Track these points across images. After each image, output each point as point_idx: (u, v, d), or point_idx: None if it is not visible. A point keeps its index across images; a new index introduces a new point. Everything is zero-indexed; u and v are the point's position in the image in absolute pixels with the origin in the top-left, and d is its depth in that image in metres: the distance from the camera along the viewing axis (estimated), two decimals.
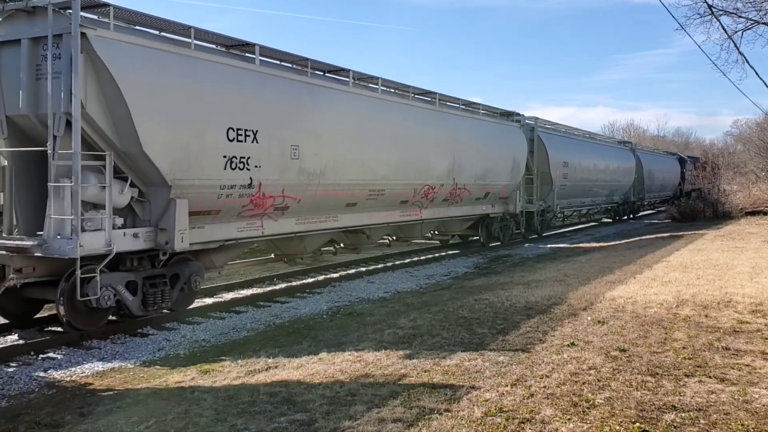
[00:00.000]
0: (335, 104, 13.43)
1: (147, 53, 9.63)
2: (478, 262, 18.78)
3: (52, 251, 8.70)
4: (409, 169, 15.88)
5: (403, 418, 5.48)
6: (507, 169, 21.08)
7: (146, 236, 9.81)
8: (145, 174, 9.79)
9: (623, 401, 5.72)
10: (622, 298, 10.48)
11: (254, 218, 11.81)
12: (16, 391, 7.24)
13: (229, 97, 10.80)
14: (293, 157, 12.09)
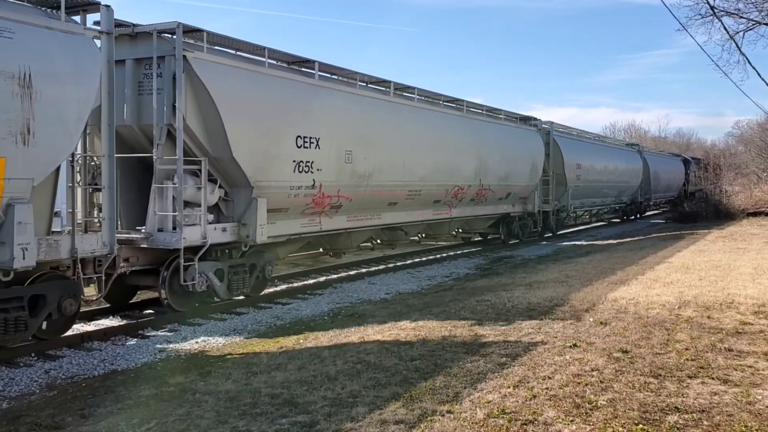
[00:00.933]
0: (380, 113, 14.93)
1: (233, 72, 11.22)
2: (480, 263, 18.76)
3: (158, 243, 10.26)
4: (442, 171, 17.27)
5: (405, 420, 5.46)
6: (526, 170, 22.38)
7: (231, 230, 11.39)
8: (230, 177, 11.37)
9: (626, 403, 5.69)
10: (624, 299, 10.45)
11: (314, 215, 13.33)
12: (16, 393, 7.24)
13: (297, 109, 12.35)
14: (347, 161, 13.63)
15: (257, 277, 12.17)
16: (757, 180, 42.15)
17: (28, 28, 7.91)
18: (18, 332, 8.27)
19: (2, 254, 7.77)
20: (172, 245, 10.22)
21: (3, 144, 7.50)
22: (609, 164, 31.56)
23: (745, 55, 21.06)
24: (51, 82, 8.05)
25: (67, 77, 8.30)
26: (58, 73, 8.18)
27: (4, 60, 7.53)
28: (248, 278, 11.83)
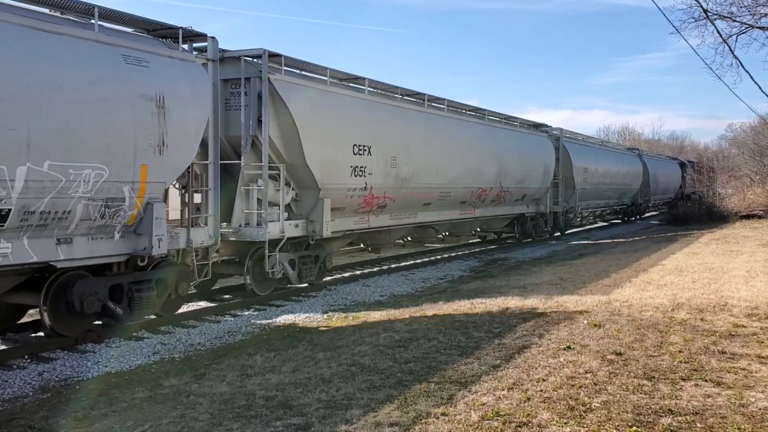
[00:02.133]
0: (417, 122, 16.67)
1: (306, 90, 13.05)
2: (474, 265, 18.78)
3: (246, 236, 12.03)
4: (468, 174, 18.88)
5: (399, 422, 5.47)
6: (540, 173, 23.95)
7: (302, 226, 13.22)
8: (301, 180, 13.17)
9: (620, 405, 5.72)
10: (618, 302, 10.48)
11: (364, 214, 15.04)
12: (10, 395, 7.20)
13: (353, 121, 14.16)
14: (392, 166, 15.31)
15: (320, 267, 13.91)
16: (750, 183, 42.37)
17: (159, 58, 9.59)
18: (148, 308, 10.04)
19: (141, 243, 9.51)
20: (259, 238, 12.01)
21: (145, 154, 9.13)
22: (612, 167, 33.07)
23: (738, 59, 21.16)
24: (177, 102, 9.61)
25: (188, 98, 9.90)
26: (182, 95, 9.76)
27: (145, 85, 9.13)
28: (314, 267, 13.69)
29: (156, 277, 10.05)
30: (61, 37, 8.33)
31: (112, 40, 9.05)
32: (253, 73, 12.05)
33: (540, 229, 25.83)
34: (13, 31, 7.73)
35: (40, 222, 8.16)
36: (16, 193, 7.70)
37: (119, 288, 9.57)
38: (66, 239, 8.62)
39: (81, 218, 8.59)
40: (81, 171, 8.35)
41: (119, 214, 9.08)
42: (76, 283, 8.99)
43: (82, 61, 8.46)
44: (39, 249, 8.29)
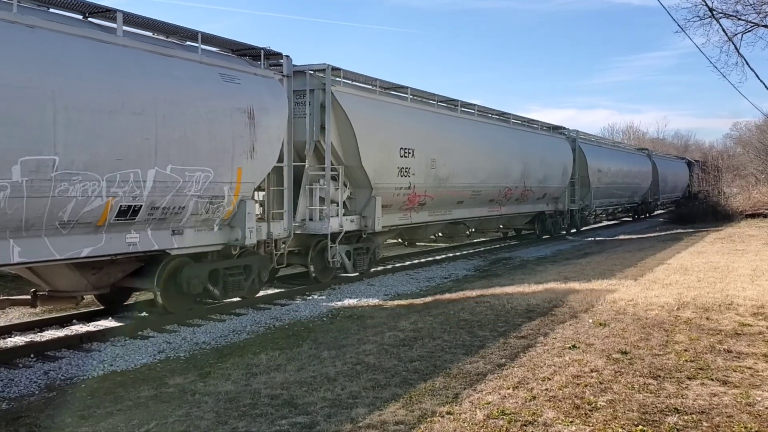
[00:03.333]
0: (452, 126, 18.22)
1: (361, 100, 14.67)
2: (479, 264, 18.76)
3: (310, 230, 13.57)
4: (496, 174, 20.32)
5: (404, 421, 5.46)
6: (559, 173, 25.44)
7: (357, 221, 14.78)
8: (356, 180, 14.74)
9: (625, 404, 5.70)
10: (623, 301, 10.45)
11: (407, 211, 16.59)
12: (16, 394, 7.22)
13: (399, 126, 15.67)
14: (432, 167, 16.79)
15: (370, 258, 15.36)
16: (755, 181, 42.25)
17: (247, 76, 11.18)
18: (239, 291, 11.67)
19: (236, 234, 11.17)
20: (322, 231, 13.62)
21: (240, 158, 10.72)
22: (624, 167, 34.36)
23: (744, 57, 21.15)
24: (263, 114, 11.18)
25: (271, 110, 11.45)
26: (266, 107, 11.31)
27: (239, 99, 10.71)
28: (366, 258, 15.18)
29: (244, 264, 11.69)
30: (177, 60, 9.93)
31: (212, 61, 10.66)
32: (316, 85, 13.62)
33: (558, 226, 27.13)
34: (144, 56, 9.29)
35: (161, 216, 9.75)
36: (146, 192, 9.25)
37: (216, 273, 11.16)
38: (179, 230, 10.26)
39: (191, 213, 10.23)
40: (194, 173, 9.93)
41: (219, 210, 10.72)
42: (184, 268, 10.58)
43: (192, 80, 10.00)
44: (159, 238, 9.90)
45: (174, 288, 10.58)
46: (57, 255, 8.50)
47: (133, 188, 9.02)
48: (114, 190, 8.79)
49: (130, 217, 9.21)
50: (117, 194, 8.85)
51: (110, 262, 9.69)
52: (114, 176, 8.74)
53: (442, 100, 18.51)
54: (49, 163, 7.93)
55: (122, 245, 9.35)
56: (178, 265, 10.57)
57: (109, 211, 8.87)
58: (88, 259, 9.05)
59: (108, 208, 8.83)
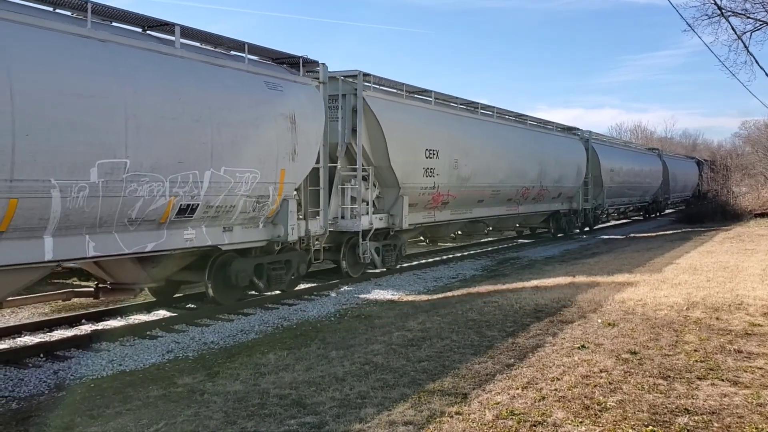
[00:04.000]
0: (473, 128, 18.92)
1: (390, 104, 15.48)
2: (486, 264, 18.73)
3: (343, 227, 14.34)
4: (515, 174, 20.98)
5: (413, 421, 5.45)
6: (573, 173, 26.08)
7: (385, 219, 15.56)
8: (384, 180, 15.51)
9: (635, 404, 5.67)
10: (632, 301, 10.41)
11: (430, 210, 17.31)
12: (26, 393, 7.25)
13: (424, 129, 16.44)
14: (454, 168, 17.45)
15: (397, 254, 16.16)
16: (764, 181, 42.03)
17: (288, 83, 11.82)
18: (281, 284, 12.39)
19: (279, 231, 11.88)
20: (354, 228, 14.40)
21: (283, 160, 11.44)
22: (635, 167, 34.93)
23: (753, 56, 21.10)
24: (303, 119, 11.85)
25: (310, 115, 12.13)
26: (306, 113, 11.98)
27: (282, 106, 11.41)
28: (393, 254, 16.00)
29: (284, 259, 12.44)
30: (227, 69, 10.65)
31: (257, 70, 11.35)
32: (348, 90, 14.36)
33: (572, 225, 27.90)
34: (199, 66, 10.04)
35: (215, 214, 10.46)
36: (203, 192, 9.95)
37: (260, 267, 11.88)
38: (229, 228, 10.98)
39: (240, 211, 10.93)
40: (243, 174, 10.63)
41: (264, 208, 11.44)
42: (232, 263, 11.33)
43: (241, 88, 10.69)
44: (212, 235, 10.64)
45: (223, 281, 11.36)
46: (125, 249, 9.20)
47: (191, 188, 9.74)
48: (175, 190, 9.49)
49: (188, 215, 9.95)
50: (178, 194, 9.57)
51: (168, 256, 10.35)
52: (176, 177, 9.43)
53: (463, 103, 19.25)
54: (121, 166, 8.62)
55: (180, 241, 10.05)
56: (227, 259, 11.36)
57: (170, 210, 9.58)
58: (151, 253, 9.75)
59: (170, 207, 9.56)
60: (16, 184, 7.51)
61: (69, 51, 8.16)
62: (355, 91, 14.35)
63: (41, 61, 7.79)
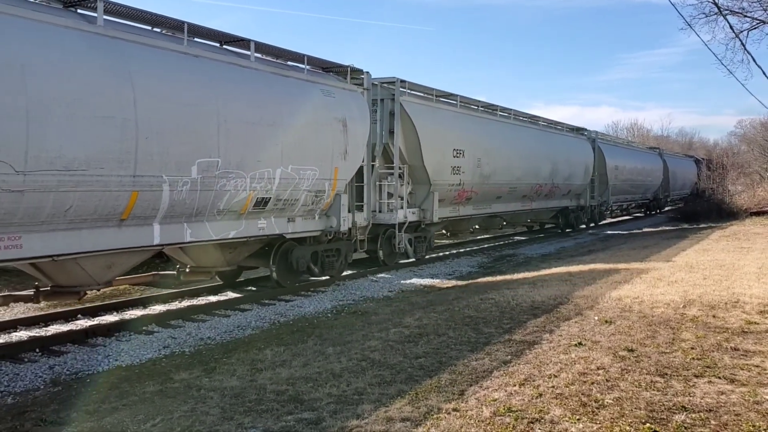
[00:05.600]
0: (493, 129, 20.48)
1: (423, 108, 17.04)
2: (483, 261, 18.73)
3: (381, 220, 15.73)
4: (529, 172, 22.46)
5: (411, 418, 5.44)
6: (581, 172, 27.58)
7: (417, 213, 17.02)
8: (417, 177, 16.96)
9: (633, 401, 5.67)
10: (628, 298, 10.42)
11: (456, 205, 18.75)
12: (21, 388, 7.22)
13: (452, 130, 17.93)
14: (478, 166, 18.91)
15: (426, 246, 17.62)
16: (759, 179, 42.16)
17: (339, 90, 13.30)
18: (332, 270, 13.95)
19: (331, 222, 13.35)
20: (391, 221, 15.90)
21: (337, 159, 12.90)
22: (638, 165, 36.26)
23: (750, 54, 21.10)
24: (352, 122, 13.31)
25: (358, 118, 13.59)
26: (354, 116, 13.44)
27: (335, 111, 12.88)
28: (423, 245, 17.52)
29: (335, 248, 13.90)
30: (292, 79, 12.11)
31: (315, 79, 12.76)
32: (386, 95, 15.81)
33: (580, 221, 29.38)
34: (270, 77, 11.48)
35: (282, 206, 11.92)
36: (275, 187, 11.43)
37: (315, 254, 13.43)
38: (292, 218, 12.45)
39: (302, 204, 12.39)
40: (305, 171, 12.08)
41: (321, 202, 12.87)
42: (293, 250, 12.86)
43: (303, 95, 12.16)
44: (279, 225, 12.12)
45: (284, 266, 12.83)
46: (213, 236, 10.65)
47: (266, 184, 11.17)
48: (254, 185, 10.92)
49: (262, 207, 11.40)
50: (256, 188, 11.00)
51: (242, 243, 11.76)
52: (255, 174, 10.86)
53: (483, 106, 20.69)
54: (214, 164, 10.05)
55: (255, 229, 11.52)
56: (288, 247, 12.83)
57: (249, 202, 11.04)
58: (233, 240, 11.20)
59: (249, 200, 11.00)
60: (137, 179, 8.88)
61: (174, 66, 9.58)
62: (392, 96, 15.76)
63: (154, 75, 9.16)
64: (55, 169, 7.85)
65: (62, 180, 7.95)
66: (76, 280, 9.25)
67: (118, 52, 8.76)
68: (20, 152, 7.48)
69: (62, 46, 8.08)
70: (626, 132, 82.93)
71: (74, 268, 9.01)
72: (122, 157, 8.62)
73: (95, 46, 8.48)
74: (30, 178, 7.61)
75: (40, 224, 8.01)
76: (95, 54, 8.42)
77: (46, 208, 7.94)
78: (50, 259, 8.39)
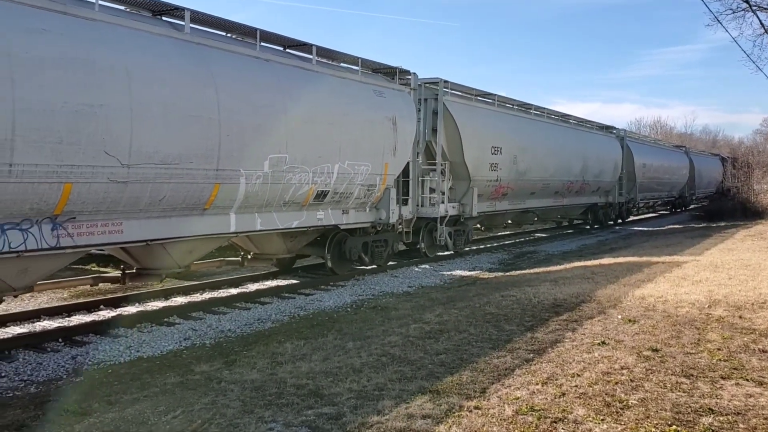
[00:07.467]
0: (528, 127, 21.03)
1: (464, 107, 17.73)
2: (503, 258, 18.61)
3: (424, 214, 16.34)
4: (562, 169, 23.07)
5: (432, 415, 5.39)
6: (611, 169, 28.18)
7: (457, 208, 17.67)
8: (457, 173, 17.58)
9: (658, 402, 5.57)
10: (652, 297, 10.27)
11: (493, 200, 19.46)
12: (44, 378, 7.29)
13: (490, 128, 18.56)
14: (513, 163, 19.55)
15: (465, 239, 18.44)
16: None
17: (389, 90, 14.12)
18: (381, 259, 15.02)
19: (381, 215, 14.26)
20: (433, 215, 16.55)
21: (387, 155, 13.72)
22: (665, 163, 36.69)
23: None
24: (401, 121, 14.07)
25: (406, 117, 14.35)
26: (403, 115, 14.20)
27: (386, 110, 13.69)
28: (462, 238, 18.25)
29: (383, 239, 14.87)
30: (347, 80, 12.88)
31: (367, 80, 13.62)
32: (429, 95, 16.58)
33: (608, 217, 30.01)
34: (329, 78, 12.37)
35: (338, 199, 12.83)
36: (333, 181, 12.30)
37: (366, 244, 14.45)
38: (346, 210, 13.35)
39: (355, 197, 13.30)
40: (359, 167, 12.93)
41: (372, 195, 13.75)
42: (347, 240, 13.89)
43: (358, 96, 13.01)
44: (335, 216, 13.05)
45: (338, 255, 13.82)
46: (279, 225, 11.63)
47: (325, 178, 12.05)
48: (315, 179, 11.83)
49: (321, 199, 12.29)
50: (317, 182, 11.90)
51: (302, 232, 12.71)
52: (316, 169, 11.77)
53: (518, 105, 21.36)
54: (283, 159, 10.99)
55: (314, 220, 12.45)
56: (341, 237, 13.81)
57: (311, 195, 11.96)
58: (296, 229, 12.16)
59: (311, 192, 11.92)
60: (220, 173, 9.81)
61: (249, 69, 10.49)
62: (435, 96, 16.54)
63: (233, 78, 10.04)
64: (153, 163, 8.79)
65: (159, 173, 8.91)
66: (161, 264, 10.21)
67: (203, 57, 9.69)
68: (125, 147, 8.40)
69: (158, 52, 9.01)
70: (649, 129, 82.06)
71: (161, 252, 9.98)
72: (208, 152, 9.56)
73: (184, 52, 9.43)
74: (132, 170, 8.54)
75: (138, 212, 8.98)
76: (184, 59, 9.37)
77: (144, 198, 8.89)
78: (144, 244, 9.36)
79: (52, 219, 8.02)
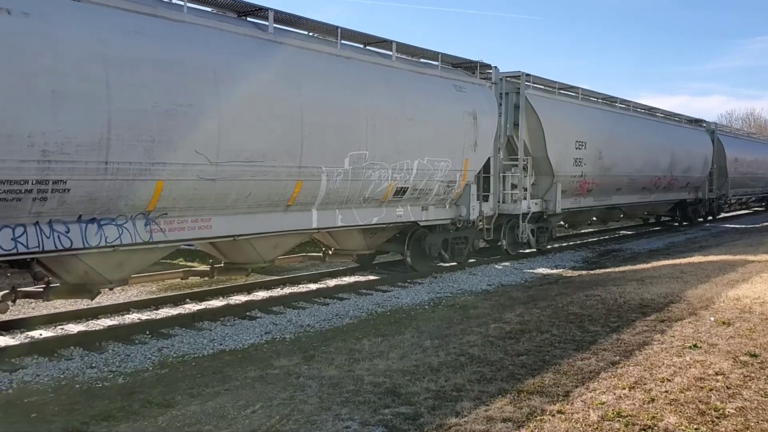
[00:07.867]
0: (613, 121, 20.38)
1: (547, 101, 17.08)
2: (587, 256, 18.06)
3: (506, 210, 15.96)
4: (649, 164, 22.22)
5: (512, 418, 5.23)
6: (700, 164, 27.11)
7: (540, 204, 17.02)
8: (540, 168, 16.94)
9: (758, 413, 5.21)
10: (748, 298, 9.69)
11: (576, 196, 18.72)
12: (131, 369, 7.52)
13: (574, 122, 17.93)
14: (598, 158, 18.89)
15: (548, 236, 17.78)
16: None
17: (470, 85, 13.91)
18: (461, 256, 14.67)
19: (461, 211, 14.06)
20: (515, 212, 16.06)
21: (467, 151, 13.48)
22: (759, 157, 35.21)
23: None
24: (482, 115, 13.83)
25: (487, 112, 14.08)
26: (484, 110, 13.97)
27: (466, 105, 13.46)
28: (545, 236, 17.63)
29: (463, 236, 14.58)
30: (427, 76, 12.90)
31: (447, 75, 13.46)
32: (510, 89, 16.16)
33: (698, 214, 28.75)
34: (409, 75, 12.38)
35: (417, 196, 12.75)
36: (412, 177, 12.27)
37: (446, 241, 14.13)
38: (425, 207, 13.25)
39: (435, 194, 13.18)
40: (439, 163, 12.81)
41: (452, 191, 13.58)
42: (426, 236, 13.67)
43: (438, 91, 12.92)
44: (414, 213, 12.97)
45: (418, 252, 13.70)
46: (359, 221, 11.72)
47: (405, 174, 12.03)
48: (395, 175, 11.83)
49: (400, 196, 12.28)
50: (396, 178, 11.89)
51: (381, 229, 12.75)
52: (395, 165, 11.76)
53: (603, 98, 20.87)
54: (363, 156, 11.06)
55: (394, 216, 12.48)
56: (420, 234, 13.67)
57: (390, 191, 11.95)
58: (375, 225, 12.25)
59: (390, 189, 11.92)
60: (302, 170, 10.00)
61: (330, 67, 10.59)
62: (517, 90, 16.14)
63: (315, 76, 10.21)
64: (240, 161, 9.04)
65: (245, 170, 9.16)
66: (247, 258, 10.56)
67: (286, 56, 9.88)
68: (214, 146, 8.68)
69: (243, 52, 9.24)
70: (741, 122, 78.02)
71: (247, 247, 10.28)
72: (291, 150, 9.76)
73: (268, 52, 9.64)
74: (220, 168, 8.82)
75: (225, 208, 9.28)
76: (268, 59, 9.59)
77: (231, 195, 9.18)
78: (231, 239, 9.68)
79: (145, 215, 8.35)
